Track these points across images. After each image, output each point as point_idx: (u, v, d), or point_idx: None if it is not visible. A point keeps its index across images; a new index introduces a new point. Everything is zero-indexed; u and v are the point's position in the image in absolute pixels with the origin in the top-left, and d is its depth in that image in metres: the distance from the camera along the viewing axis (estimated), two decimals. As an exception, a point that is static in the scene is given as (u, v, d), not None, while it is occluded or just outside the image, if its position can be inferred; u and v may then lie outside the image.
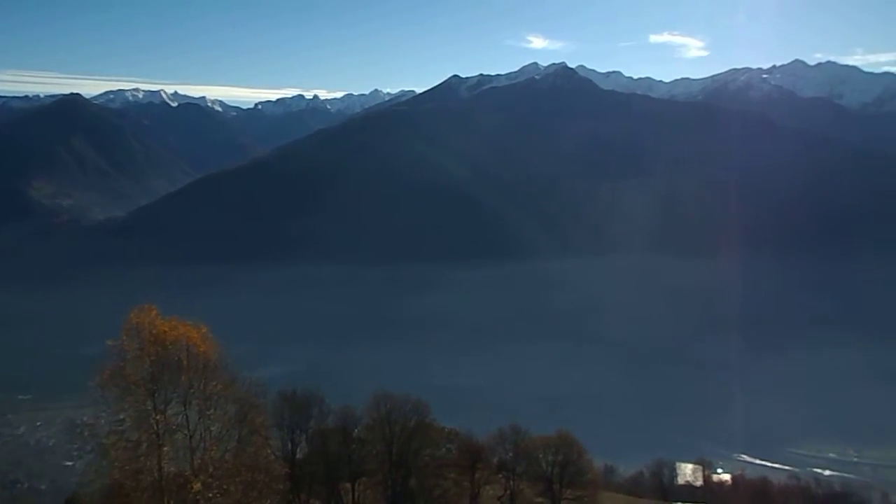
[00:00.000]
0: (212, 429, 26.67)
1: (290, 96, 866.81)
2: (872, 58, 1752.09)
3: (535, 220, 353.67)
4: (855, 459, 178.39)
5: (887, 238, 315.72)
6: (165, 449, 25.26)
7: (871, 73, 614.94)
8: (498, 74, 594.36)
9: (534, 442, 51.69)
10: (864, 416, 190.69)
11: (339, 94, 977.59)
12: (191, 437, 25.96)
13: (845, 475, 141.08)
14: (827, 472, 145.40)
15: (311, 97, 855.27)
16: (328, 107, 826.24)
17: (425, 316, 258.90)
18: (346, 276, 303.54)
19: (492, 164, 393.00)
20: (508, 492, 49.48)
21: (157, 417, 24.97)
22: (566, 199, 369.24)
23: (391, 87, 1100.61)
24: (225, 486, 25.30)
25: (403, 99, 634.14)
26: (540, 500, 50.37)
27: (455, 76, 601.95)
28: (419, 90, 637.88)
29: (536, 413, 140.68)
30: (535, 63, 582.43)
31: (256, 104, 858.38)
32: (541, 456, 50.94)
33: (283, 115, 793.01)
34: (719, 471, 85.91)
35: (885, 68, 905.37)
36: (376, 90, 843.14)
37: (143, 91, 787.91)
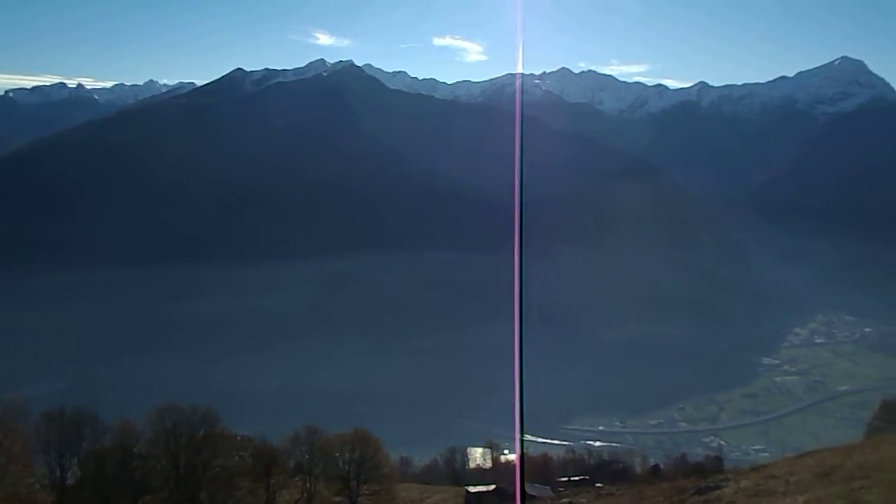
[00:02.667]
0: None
1: (48, 84, 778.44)
2: (626, 68, 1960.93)
3: (323, 218, 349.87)
4: (620, 429, 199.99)
5: (660, 230, 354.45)
6: None
7: (625, 82, 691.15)
8: (284, 69, 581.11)
9: (331, 441, 51.27)
10: (627, 390, 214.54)
11: (108, 84, 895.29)
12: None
13: (612, 444, 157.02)
14: (597, 443, 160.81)
15: (74, 85, 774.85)
16: (95, 97, 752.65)
17: (202, 320, 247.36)
18: (112, 281, 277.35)
19: (277, 160, 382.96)
20: (305, 494, 48.70)
21: None
22: (353, 197, 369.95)
23: (168, 79, 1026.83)
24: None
25: (183, 91, 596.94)
26: (338, 499, 50.14)
27: (239, 69, 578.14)
28: (200, 82, 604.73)
29: (333, 411, 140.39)
30: (323, 59, 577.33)
31: (7, 91, 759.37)
32: (338, 455, 50.70)
33: (39, 104, 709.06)
34: (506, 452, 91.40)
35: (636, 78, 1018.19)
36: (151, 81, 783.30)
37: None
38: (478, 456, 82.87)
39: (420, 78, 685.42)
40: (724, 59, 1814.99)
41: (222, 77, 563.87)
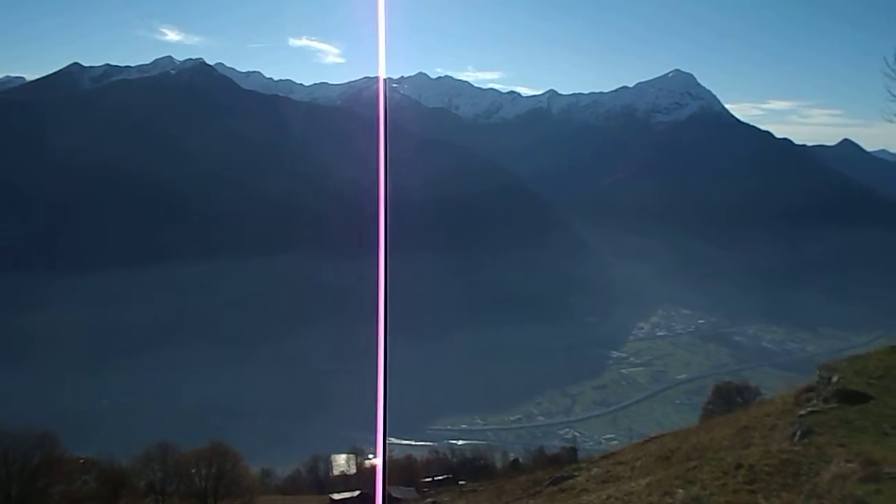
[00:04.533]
0: None
1: None
2: (481, 75, 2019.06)
3: (173, 222, 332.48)
4: (482, 427, 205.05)
5: (514, 232, 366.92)
6: None
7: (480, 88, 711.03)
8: (128, 66, 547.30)
9: (185, 458, 48.88)
10: (487, 389, 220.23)
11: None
12: None
13: (474, 442, 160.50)
14: (460, 442, 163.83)
15: None
16: None
17: (38, 334, 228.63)
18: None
19: (119, 161, 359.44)
20: (158, 515, 46.17)
21: None
22: (206, 200, 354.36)
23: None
24: None
25: (11, 86, 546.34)
26: (194, 517, 47.90)
27: (76, 64, 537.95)
28: (30, 77, 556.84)
29: (190, 426, 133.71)
30: (170, 57, 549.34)
31: None
32: (194, 471, 48.42)
33: None
34: (371, 456, 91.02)
35: (491, 85, 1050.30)
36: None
37: None
38: (342, 462, 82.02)
39: (276, 79, 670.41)
40: (572, 68, 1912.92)
41: (56, 72, 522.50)
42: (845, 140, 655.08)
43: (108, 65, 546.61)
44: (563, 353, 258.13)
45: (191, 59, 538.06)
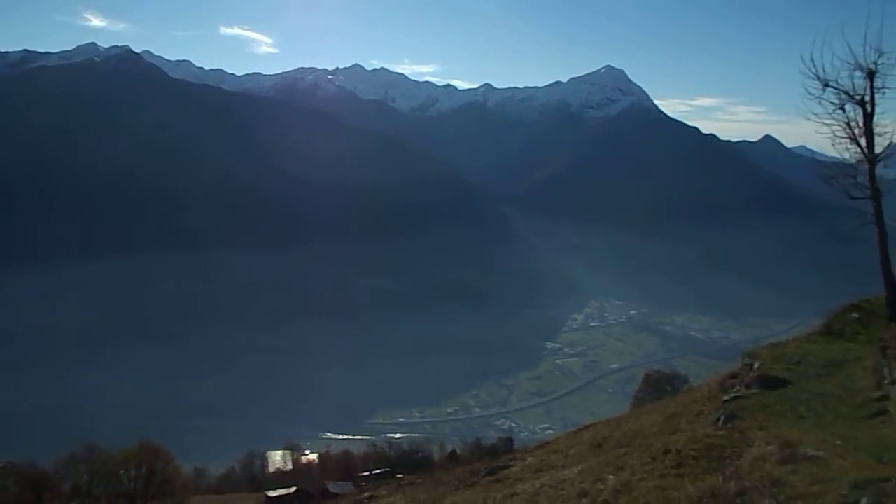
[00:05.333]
0: None
1: None
2: (417, 67, 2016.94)
3: (100, 215, 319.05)
4: (419, 419, 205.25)
5: (452, 225, 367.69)
6: None
7: (416, 81, 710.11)
8: (48, 52, 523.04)
9: (113, 459, 47.28)
10: (425, 381, 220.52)
11: None
12: None
13: (412, 435, 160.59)
14: (398, 435, 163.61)
15: None
16: None
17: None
18: None
19: (38, 151, 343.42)
20: (85, 518, 44.60)
21: None
22: (136, 192, 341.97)
23: None
24: None
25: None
26: (124, 519, 46.46)
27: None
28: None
29: (121, 427, 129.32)
30: (94, 43, 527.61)
31: None
32: (122, 472, 46.91)
33: None
34: (307, 452, 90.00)
35: (427, 78, 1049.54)
36: None
37: None
38: (278, 459, 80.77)
39: (207, 68, 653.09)
40: (507, 63, 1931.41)
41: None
42: (767, 136, 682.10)
43: (25, 50, 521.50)
44: (500, 345, 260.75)
45: (116, 46, 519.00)
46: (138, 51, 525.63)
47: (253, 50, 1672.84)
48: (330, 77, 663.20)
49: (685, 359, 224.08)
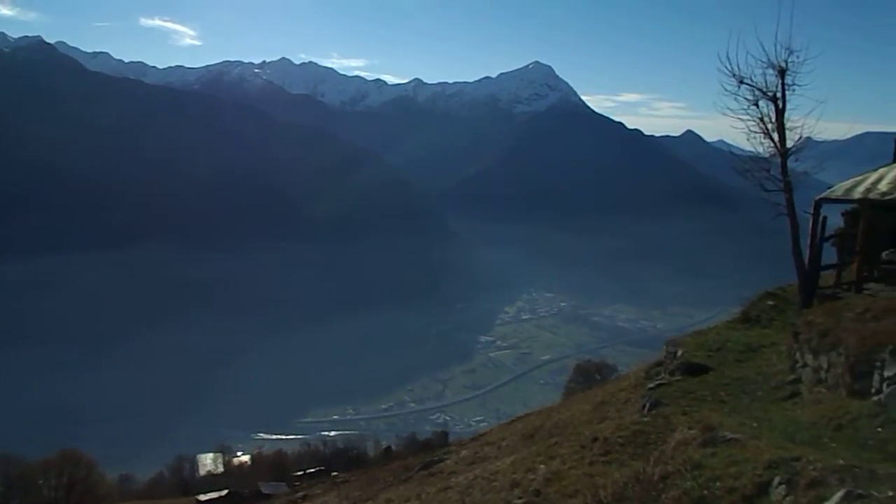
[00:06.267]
0: None
1: None
2: (346, 62, 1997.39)
3: (14, 216, 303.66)
4: (354, 416, 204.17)
5: (383, 220, 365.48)
6: None
7: (346, 76, 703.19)
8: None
9: (32, 468, 45.32)
10: (359, 378, 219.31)
11: None
12: None
13: (347, 432, 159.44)
14: (332, 433, 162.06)
15: None
16: None
17: None
18: None
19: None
20: (2, 532, 42.56)
21: None
22: (51, 189, 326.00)
23: None
24: None
25: None
26: (45, 531, 44.53)
27: None
28: None
29: (37, 434, 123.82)
30: (2, 33, 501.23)
31: None
32: (42, 482, 44.97)
33: None
34: (239, 454, 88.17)
35: (356, 72, 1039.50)
36: None
37: None
38: (208, 462, 78.79)
39: (126, 61, 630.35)
40: (437, 58, 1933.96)
41: None
42: (689, 131, 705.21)
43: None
44: (434, 340, 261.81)
45: (27, 36, 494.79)
46: (51, 41, 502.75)
47: (175, 42, 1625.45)
48: (257, 70, 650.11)
49: (614, 348, 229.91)
